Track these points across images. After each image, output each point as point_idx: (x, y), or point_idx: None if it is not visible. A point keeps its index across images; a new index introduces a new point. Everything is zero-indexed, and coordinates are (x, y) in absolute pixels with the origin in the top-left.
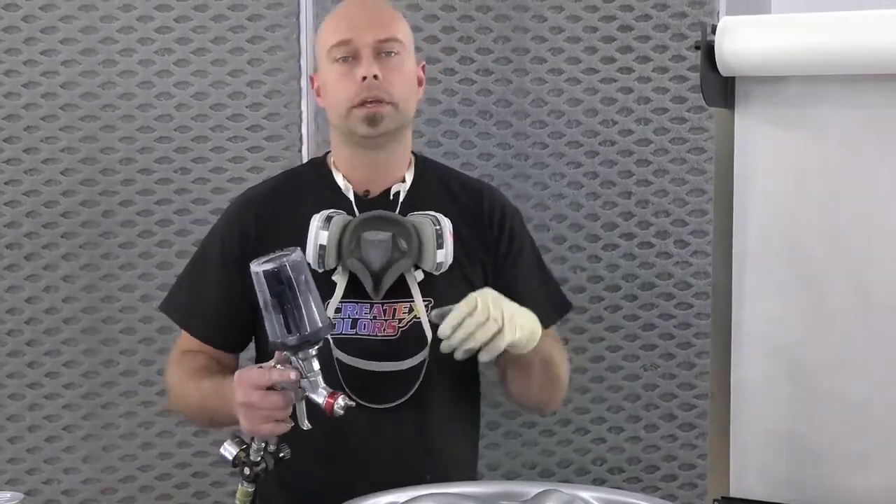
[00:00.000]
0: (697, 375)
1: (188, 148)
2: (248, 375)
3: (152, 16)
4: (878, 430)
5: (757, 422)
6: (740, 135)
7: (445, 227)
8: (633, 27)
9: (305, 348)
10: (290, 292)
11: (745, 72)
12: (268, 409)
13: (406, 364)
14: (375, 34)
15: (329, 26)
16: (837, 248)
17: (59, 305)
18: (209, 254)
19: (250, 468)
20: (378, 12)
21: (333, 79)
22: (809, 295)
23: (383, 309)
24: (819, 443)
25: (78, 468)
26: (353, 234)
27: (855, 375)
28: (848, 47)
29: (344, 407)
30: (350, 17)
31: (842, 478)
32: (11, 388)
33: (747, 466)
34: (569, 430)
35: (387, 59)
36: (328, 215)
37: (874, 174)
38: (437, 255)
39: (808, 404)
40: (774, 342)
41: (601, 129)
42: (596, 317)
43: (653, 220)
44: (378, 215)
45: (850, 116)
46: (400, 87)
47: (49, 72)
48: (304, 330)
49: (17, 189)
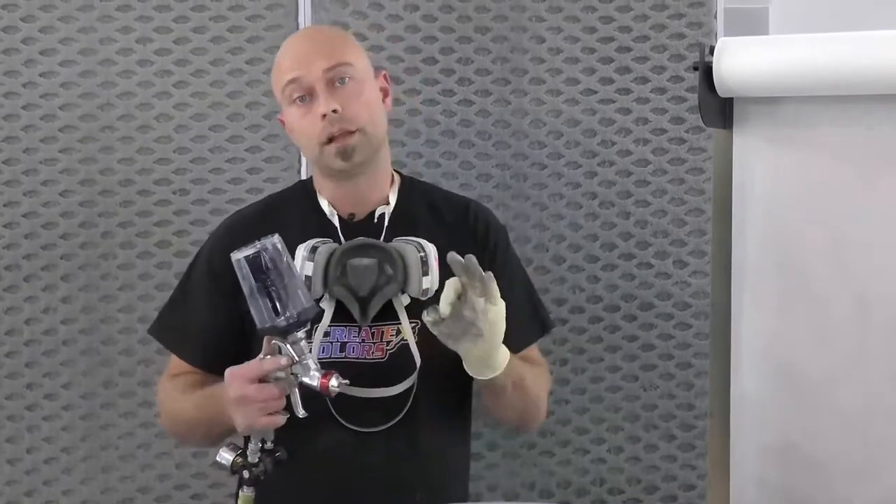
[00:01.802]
0: (697, 395)
1: (187, 169)
2: (239, 370)
3: (151, 38)
4: (877, 444)
5: (756, 435)
6: (738, 155)
7: (430, 253)
8: (632, 48)
9: (294, 330)
10: (274, 275)
11: (743, 92)
12: (262, 401)
13: (396, 389)
14: (323, 64)
15: (278, 67)
16: (836, 267)
17: (57, 327)
18: (197, 277)
19: (249, 470)
20: (323, 41)
21: (295, 120)
22: (808, 312)
23: (371, 332)
24: (819, 457)
25: (76, 490)
26: (339, 261)
27: (855, 390)
28: (845, 67)
29: (339, 385)
30: (295, 54)
31: (842, 491)
32: (9, 409)
33: (746, 480)
34: (568, 450)
35: (342, 88)
36: (313, 245)
37: (872, 193)
38: (423, 282)
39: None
40: (773, 358)
41: (600, 150)
42: (595, 337)
43: (652, 241)
44: (363, 243)
45: (847, 136)
46: (363, 112)
47: (48, 94)
48: (292, 310)
49: (16, 211)
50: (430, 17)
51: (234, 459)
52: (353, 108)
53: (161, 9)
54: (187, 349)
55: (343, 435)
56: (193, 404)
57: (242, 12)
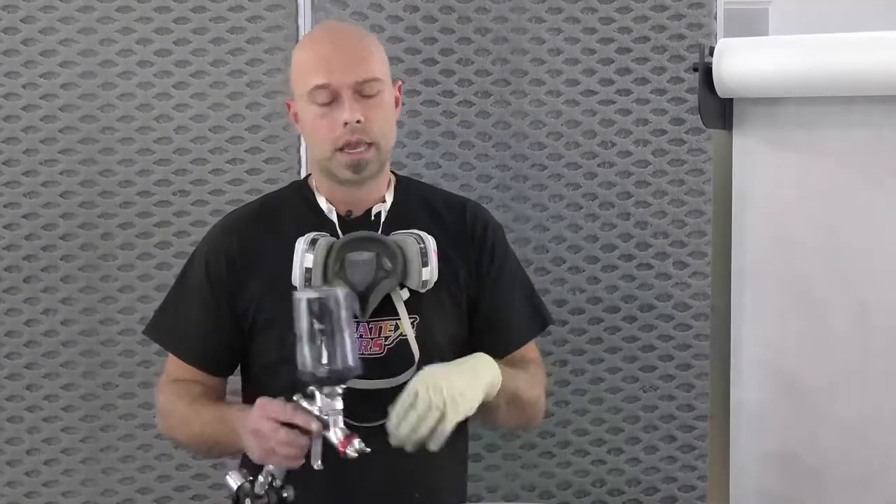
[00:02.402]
0: (697, 397)
1: (187, 170)
2: (271, 406)
3: (151, 38)
4: (877, 452)
5: (756, 443)
6: (738, 156)
7: (429, 244)
8: (632, 49)
9: (332, 384)
10: (329, 324)
11: (743, 93)
12: (275, 444)
13: (394, 382)
14: (355, 76)
15: (305, 65)
16: (836, 269)
17: (57, 328)
18: (193, 276)
19: (252, 501)
20: (356, 50)
21: (312, 119)
22: (808, 316)
23: (369, 327)
24: (818, 464)
25: (77, 491)
26: (338, 255)
27: (854, 396)
28: (845, 69)
29: (358, 451)
30: (325, 58)
31: (841, 499)
32: (10, 411)
33: (747, 488)
34: (568, 451)
35: (368, 100)
36: (313, 238)
37: (872, 195)
38: (423, 273)
39: (807, 425)
40: (773, 363)
41: (600, 151)
42: (595, 338)
43: (652, 242)
44: (361, 236)
45: (847, 137)
46: (381, 125)
47: (49, 94)
48: (336, 365)
49: (16, 212)
50: (430, 18)
51: (242, 485)
52: (374, 122)
53: (161, 10)
54: (184, 347)
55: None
56: (202, 422)
57: (242, 13)
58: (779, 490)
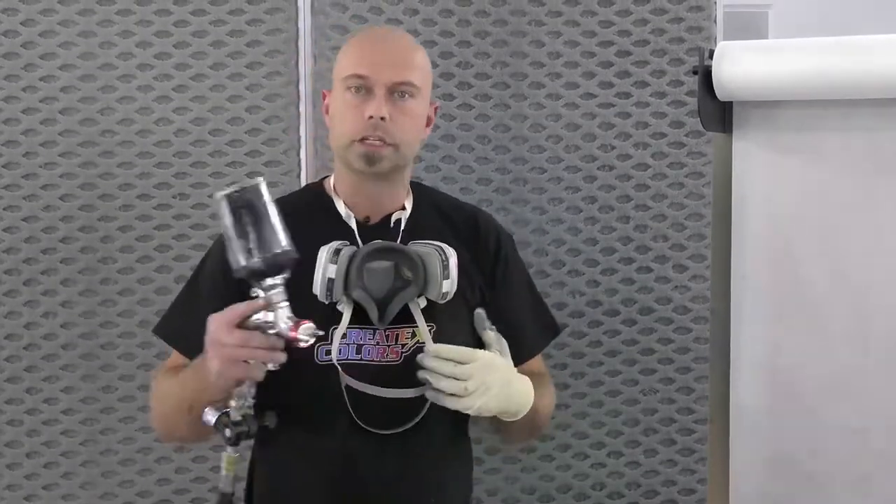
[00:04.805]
0: (696, 400)
1: (187, 173)
2: (218, 314)
3: (151, 42)
4: (877, 455)
5: (756, 446)
6: (738, 159)
7: (451, 257)
8: (632, 52)
9: (271, 274)
10: (250, 216)
11: (743, 96)
12: (232, 345)
13: (412, 391)
14: (392, 76)
15: (349, 54)
16: (836, 272)
17: (57, 331)
18: (205, 278)
19: (231, 428)
20: (400, 52)
21: (342, 106)
22: (808, 319)
23: (386, 335)
24: (818, 467)
25: (76, 494)
26: (360, 265)
27: (854, 400)
28: (845, 72)
29: (310, 334)
30: (370, 53)
31: (841, 502)
32: (10, 413)
33: (747, 491)
34: (568, 454)
35: (399, 101)
36: (336, 248)
37: (872, 198)
38: (444, 286)
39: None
40: (773, 366)
41: (599, 154)
42: (595, 341)
43: (651, 245)
44: (383, 246)
45: (847, 140)
46: (405, 129)
47: (48, 98)
48: (266, 252)
49: (16, 215)
50: (430, 21)
51: (220, 416)
52: (400, 122)
53: (161, 13)
54: (193, 347)
55: (359, 437)
56: (178, 382)
57: (242, 16)
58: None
